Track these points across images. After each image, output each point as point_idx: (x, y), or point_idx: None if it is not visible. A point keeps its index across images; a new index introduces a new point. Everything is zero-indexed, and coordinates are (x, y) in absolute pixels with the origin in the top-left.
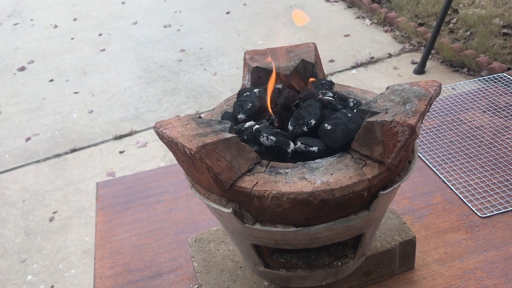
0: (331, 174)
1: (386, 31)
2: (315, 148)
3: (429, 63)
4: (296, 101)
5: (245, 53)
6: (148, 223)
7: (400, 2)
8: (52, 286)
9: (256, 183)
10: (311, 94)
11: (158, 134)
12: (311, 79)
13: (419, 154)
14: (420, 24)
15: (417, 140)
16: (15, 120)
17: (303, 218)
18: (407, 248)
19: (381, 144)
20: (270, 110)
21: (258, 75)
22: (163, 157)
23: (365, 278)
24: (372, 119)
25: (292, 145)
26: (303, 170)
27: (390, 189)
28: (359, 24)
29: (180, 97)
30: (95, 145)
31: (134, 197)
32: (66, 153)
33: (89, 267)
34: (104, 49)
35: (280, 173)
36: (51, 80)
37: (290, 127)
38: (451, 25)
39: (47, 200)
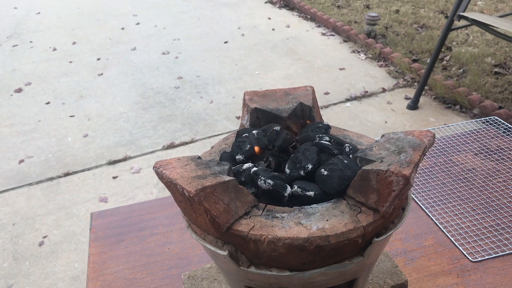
0: (327, 220)
1: (380, 66)
2: (311, 193)
3: (422, 99)
4: (293, 143)
5: (244, 94)
6: (141, 256)
7: (395, 38)
8: None
9: (253, 226)
10: (308, 137)
11: (157, 174)
12: (308, 121)
13: (412, 195)
14: (414, 60)
15: None
16: (9, 142)
17: (298, 263)
18: None
19: (376, 192)
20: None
21: (257, 116)
22: (156, 184)
23: None
24: (368, 167)
25: (289, 188)
26: (299, 215)
27: (384, 236)
28: (354, 58)
29: (176, 124)
30: (88, 169)
31: (128, 229)
32: (59, 176)
33: None
34: (101, 74)
35: (277, 217)
36: (48, 103)
37: (287, 170)
38: (444, 62)
39: (37, 224)
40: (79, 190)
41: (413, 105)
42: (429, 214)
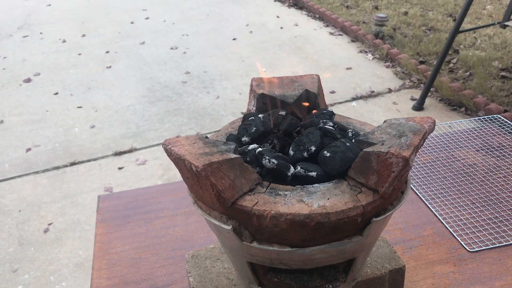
0: (328, 199)
1: (387, 67)
2: (313, 173)
3: (428, 100)
4: (298, 128)
5: (252, 80)
6: (147, 237)
7: (402, 40)
8: None
9: (257, 202)
10: (312, 122)
11: (166, 151)
12: (314, 111)
13: (413, 187)
14: (421, 62)
15: (411, 173)
16: (17, 131)
17: (299, 239)
18: (396, 276)
19: (376, 173)
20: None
21: (263, 102)
22: (161, 176)
23: None
24: (369, 149)
25: (292, 169)
26: (301, 193)
27: (382, 217)
28: (362, 58)
29: (182, 118)
30: (94, 159)
31: (134, 212)
32: (66, 166)
33: (81, 281)
34: (110, 66)
35: (280, 194)
36: (56, 93)
37: (291, 152)
38: (451, 65)
39: (43, 212)
40: (84, 180)
41: (419, 106)
42: (429, 206)
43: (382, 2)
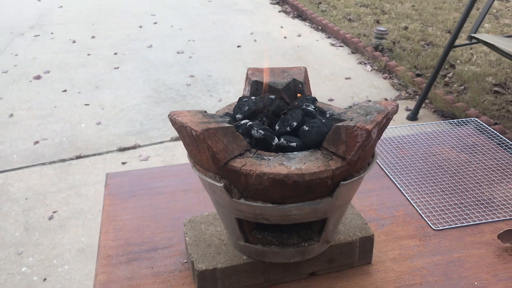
0: (304, 163)
1: (385, 78)
2: (294, 144)
3: (422, 111)
4: (285, 111)
5: (248, 69)
6: (149, 209)
7: (401, 53)
8: (45, 279)
9: (245, 164)
10: (297, 105)
11: (171, 120)
12: (299, 95)
13: (390, 176)
14: (418, 75)
15: (390, 165)
16: (25, 124)
17: (278, 196)
18: (366, 244)
19: (344, 144)
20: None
21: (257, 88)
22: None
23: (329, 265)
24: (340, 124)
25: (276, 139)
26: (282, 158)
27: (349, 181)
28: (360, 69)
29: None
30: (99, 154)
31: (138, 188)
32: (71, 159)
33: (82, 265)
34: (117, 67)
35: (264, 159)
36: (64, 91)
37: (277, 127)
38: (447, 79)
39: (48, 200)
40: (89, 173)
41: (413, 116)
42: (403, 192)
43: (383, 17)
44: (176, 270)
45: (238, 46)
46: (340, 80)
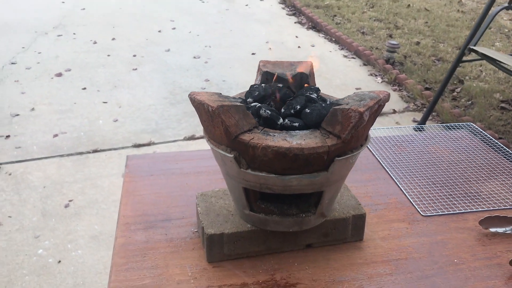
0: (304, 140)
1: (394, 90)
2: (296, 124)
3: (428, 123)
4: (291, 98)
5: (259, 62)
6: (165, 187)
7: (412, 67)
8: (60, 261)
9: (253, 138)
10: (301, 93)
11: (191, 99)
12: (306, 85)
13: (386, 169)
14: (427, 89)
15: (387, 159)
16: (46, 118)
17: (281, 168)
18: (358, 221)
19: (340, 124)
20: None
21: (267, 78)
22: None
23: (324, 239)
24: (337, 107)
25: (281, 119)
26: (285, 135)
27: (343, 157)
28: (371, 81)
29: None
30: (115, 149)
31: (155, 168)
32: (88, 152)
33: (94, 251)
34: (136, 69)
35: (270, 135)
36: (84, 88)
37: (283, 110)
38: (455, 93)
39: (65, 190)
40: (105, 166)
41: (420, 127)
42: (397, 182)
43: (396, 32)
44: (188, 237)
45: (253, 54)
46: (351, 90)
